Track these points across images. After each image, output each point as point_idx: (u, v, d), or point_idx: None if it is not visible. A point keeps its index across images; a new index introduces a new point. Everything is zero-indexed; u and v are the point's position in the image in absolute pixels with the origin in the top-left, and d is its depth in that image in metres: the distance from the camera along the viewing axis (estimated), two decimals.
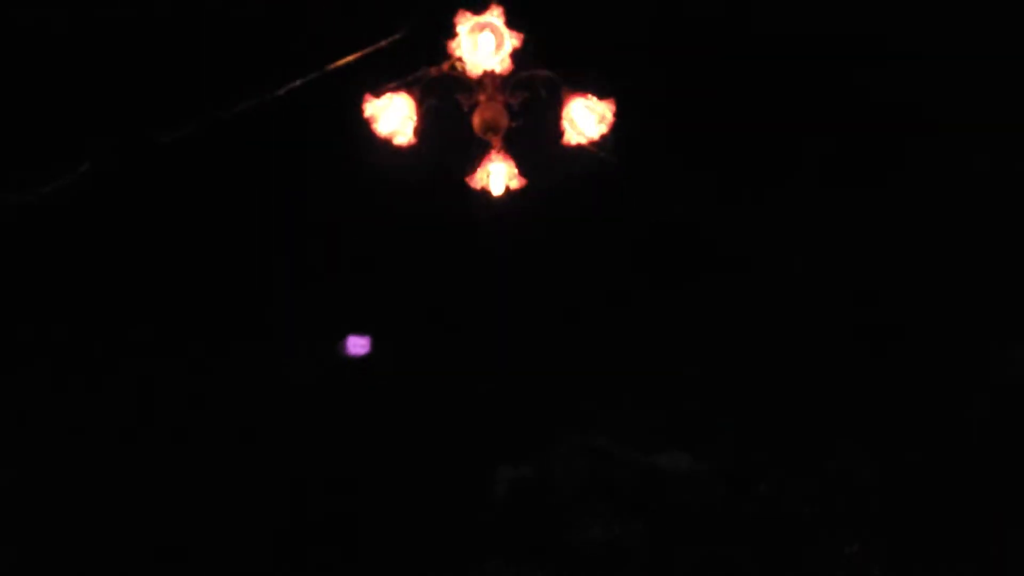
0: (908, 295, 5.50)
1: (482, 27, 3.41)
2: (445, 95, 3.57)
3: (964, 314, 5.41)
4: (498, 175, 3.71)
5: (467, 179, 3.74)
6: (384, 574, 5.74)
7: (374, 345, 6.18)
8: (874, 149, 5.28)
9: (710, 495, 5.77)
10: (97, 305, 5.48)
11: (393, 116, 3.62)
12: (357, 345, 6.19)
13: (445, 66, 3.52)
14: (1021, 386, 5.36)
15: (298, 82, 3.84)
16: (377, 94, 3.57)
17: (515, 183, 3.69)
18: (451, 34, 3.38)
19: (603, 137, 3.53)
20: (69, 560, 5.40)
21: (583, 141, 3.55)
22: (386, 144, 3.64)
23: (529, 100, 3.55)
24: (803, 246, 5.55)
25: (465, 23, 3.38)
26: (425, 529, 5.73)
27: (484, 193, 3.72)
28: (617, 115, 3.46)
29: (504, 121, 3.60)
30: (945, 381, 5.48)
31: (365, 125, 3.57)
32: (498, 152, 3.68)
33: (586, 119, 3.53)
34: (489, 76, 3.51)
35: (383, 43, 3.82)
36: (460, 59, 3.46)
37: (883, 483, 5.53)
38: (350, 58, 3.84)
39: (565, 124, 3.57)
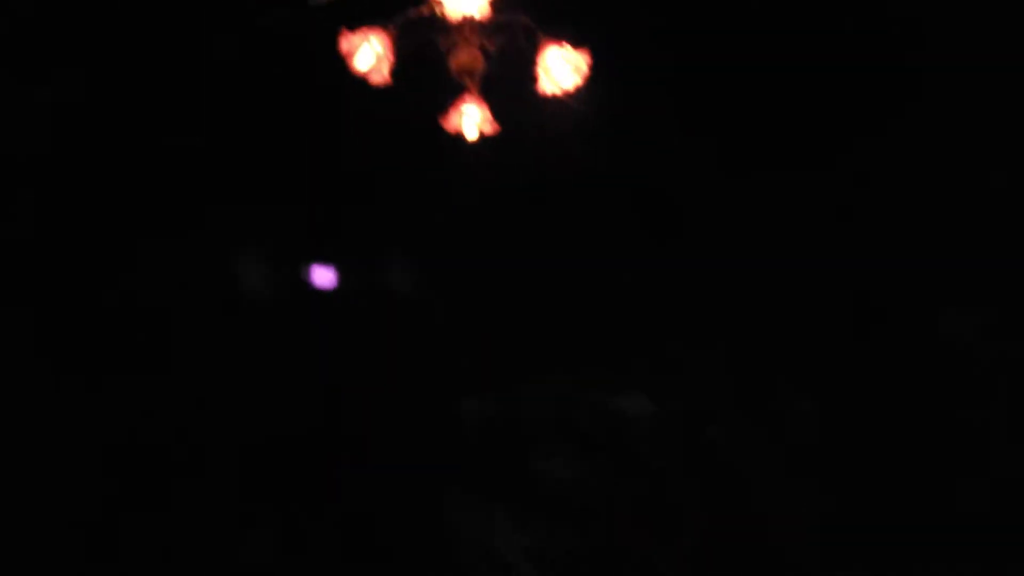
0: (866, 260, 5.66)
1: None
2: (423, 36, 3.57)
3: (916, 281, 5.59)
4: (472, 119, 3.73)
5: (441, 121, 3.75)
6: (344, 507, 5.85)
7: (341, 277, 6.21)
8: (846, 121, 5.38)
9: (667, 437, 5.95)
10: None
11: (369, 54, 3.62)
12: (322, 276, 6.22)
13: (424, 7, 3.52)
14: (965, 350, 5.57)
15: (275, 18, 3.82)
16: (354, 31, 3.57)
17: (489, 128, 3.72)
18: None
19: (578, 88, 3.57)
20: None
21: (557, 91, 3.58)
22: (361, 82, 3.64)
23: (506, 46, 3.56)
24: (776, 219, 5.68)
25: None
26: (388, 459, 5.84)
27: (458, 137, 3.75)
28: (595, 67, 3.48)
29: (480, 65, 3.62)
30: (896, 343, 5.67)
31: (341, 62, 3.57)
32: (473, 96, 3.70)
33: (561, 68, 3.55)
34: (467, 20, 3.51)
35: None
36: (439, 1, 3.46)
37: (828, 431, 5.74)
38: None
39: (540, 72, 3.59)
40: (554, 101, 3.59)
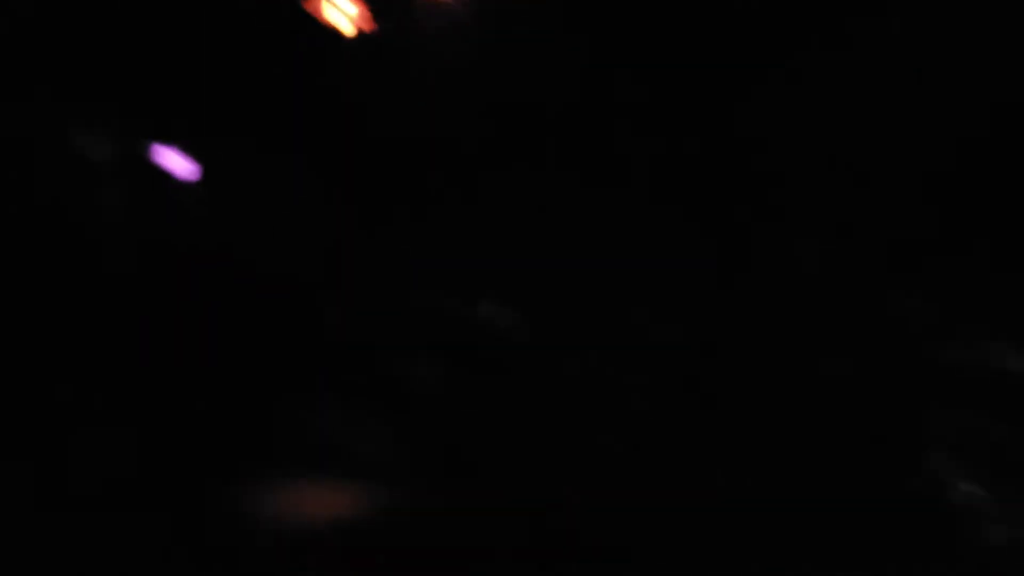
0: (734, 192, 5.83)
1: None
2: None
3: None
4: (346, 12, 3.57)
5: (309, 8, 3.57)
6: (210, 413, 5.74)
7: (200, 168, 5.94)
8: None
9: (525, 347, 6.07)
10: None
11: None
12: (177, 162, 5.94)
13: None
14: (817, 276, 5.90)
15: None
16: None
17: (365, 25, 3.57)
18: None
19: None
20: None
21: None
22: None
23: None
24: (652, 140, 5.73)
25: None
26: (249, 367, 5.75)
27: (333, 31, 3.58)
28: None
29: None
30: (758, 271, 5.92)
31: None
32: None
33: None
34: None
35: None
36: None
37: (692, 348, 5.97)
38: None
39: None
40: (435, 4, 3.47)
